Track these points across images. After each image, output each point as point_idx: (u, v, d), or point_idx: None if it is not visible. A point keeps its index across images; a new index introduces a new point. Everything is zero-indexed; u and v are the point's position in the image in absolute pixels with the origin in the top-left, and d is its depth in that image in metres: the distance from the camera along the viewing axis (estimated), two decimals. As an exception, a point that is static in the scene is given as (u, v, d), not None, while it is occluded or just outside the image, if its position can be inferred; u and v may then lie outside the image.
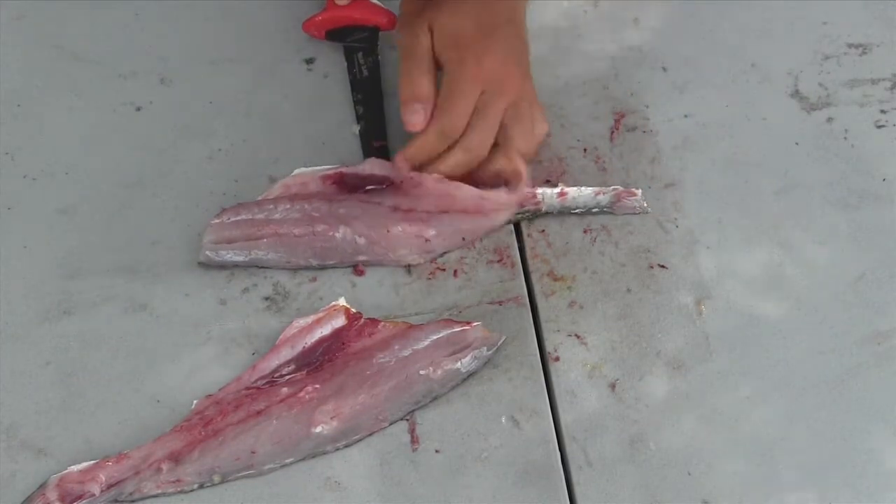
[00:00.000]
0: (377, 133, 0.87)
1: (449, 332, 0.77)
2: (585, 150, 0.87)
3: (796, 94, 0.90)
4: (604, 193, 0.83)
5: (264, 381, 0.76)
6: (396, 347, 0.76)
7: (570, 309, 0.79)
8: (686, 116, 0.88)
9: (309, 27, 0.91)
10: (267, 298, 0.80)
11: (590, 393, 0.76)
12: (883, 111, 0.89)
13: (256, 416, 0.74)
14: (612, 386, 0.76)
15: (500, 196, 0.82)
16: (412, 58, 0.81)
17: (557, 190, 0.83)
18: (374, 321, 0.77)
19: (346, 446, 0.74)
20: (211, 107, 0.89)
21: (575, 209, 0.83)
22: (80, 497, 0.71)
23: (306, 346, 0.76)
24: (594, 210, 0.83)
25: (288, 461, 0.73)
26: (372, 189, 0.82)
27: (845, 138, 0.87)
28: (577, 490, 0.72)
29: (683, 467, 0.73)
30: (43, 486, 0.72)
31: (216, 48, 0.90)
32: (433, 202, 0.81)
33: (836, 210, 0.84)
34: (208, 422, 0.74)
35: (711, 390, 0.76)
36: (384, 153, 0.85)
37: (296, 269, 0.81)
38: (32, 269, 0.81)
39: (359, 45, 0.91)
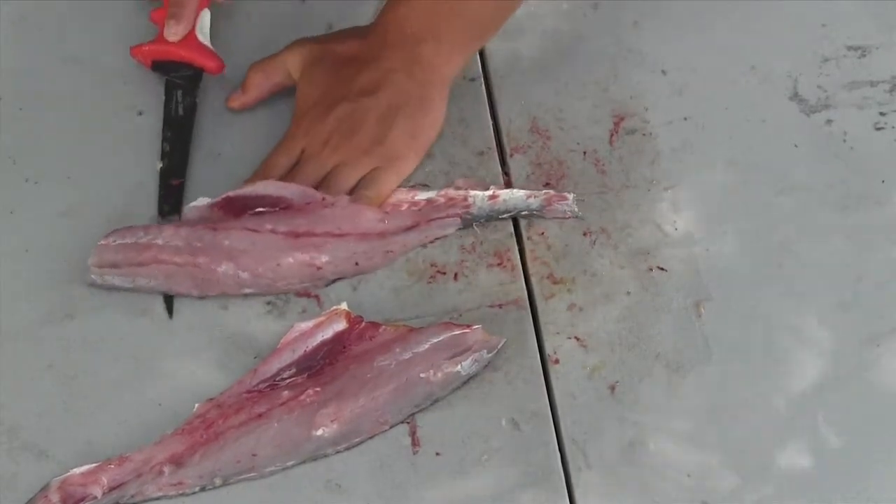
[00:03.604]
0: (177, 174, 0.85)
1: (449, 335, 0.77)
2: (585, 152, 0.87)
3: (795, 96, 0.90)
4: (535, 197, 0.83)
5: (265, 385, 0.76)
6: (397, 350, 0.76)
7: (569, 311, 0.80)
8: (685, 119, 0.88)
9: (136, 53, 0.88)
10: (268, 303, 0.80)
11: (589, 395, 0.76)
12: (882, 113, 0.89)
13: (258, 419, 0.74)
14: (612, 388, 0.77)
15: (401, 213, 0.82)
16: (263, 62, 0.88)
17: (489, 193, 0.83)
18: (374, 325, 0.78)
19: (347, 449, 0.74)
20: (212, 111, 0.89)
21: (505, 213, 0.82)
22: (81, 499, 0.72)
23: (307, 349, 0.76)
24: (524, 213, 0.83)
25: (289, 464, 0.73)
26: (263, 212, 0.80)
27: (844, 140, 0.87)
28: (577, 492, 0.73)
29: (683, 469, 0.74)
30: (45, 488, 0.72)
31: (218, 52, 0.90)
32: (336, 224, 0.80)
33: (835, 212, 0.84)
34: (210, 425, 0.74)
35: (711, 392, 0.76)
36: (180, 193, 0.84)
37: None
38: (34, 273, 0.81)
39: (180, 83, 0.88)
